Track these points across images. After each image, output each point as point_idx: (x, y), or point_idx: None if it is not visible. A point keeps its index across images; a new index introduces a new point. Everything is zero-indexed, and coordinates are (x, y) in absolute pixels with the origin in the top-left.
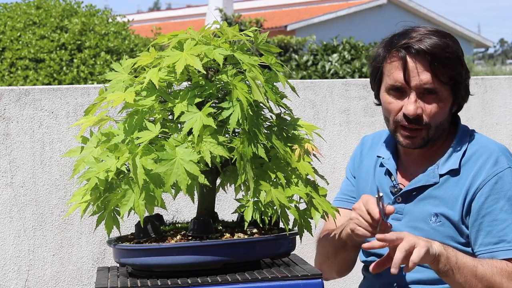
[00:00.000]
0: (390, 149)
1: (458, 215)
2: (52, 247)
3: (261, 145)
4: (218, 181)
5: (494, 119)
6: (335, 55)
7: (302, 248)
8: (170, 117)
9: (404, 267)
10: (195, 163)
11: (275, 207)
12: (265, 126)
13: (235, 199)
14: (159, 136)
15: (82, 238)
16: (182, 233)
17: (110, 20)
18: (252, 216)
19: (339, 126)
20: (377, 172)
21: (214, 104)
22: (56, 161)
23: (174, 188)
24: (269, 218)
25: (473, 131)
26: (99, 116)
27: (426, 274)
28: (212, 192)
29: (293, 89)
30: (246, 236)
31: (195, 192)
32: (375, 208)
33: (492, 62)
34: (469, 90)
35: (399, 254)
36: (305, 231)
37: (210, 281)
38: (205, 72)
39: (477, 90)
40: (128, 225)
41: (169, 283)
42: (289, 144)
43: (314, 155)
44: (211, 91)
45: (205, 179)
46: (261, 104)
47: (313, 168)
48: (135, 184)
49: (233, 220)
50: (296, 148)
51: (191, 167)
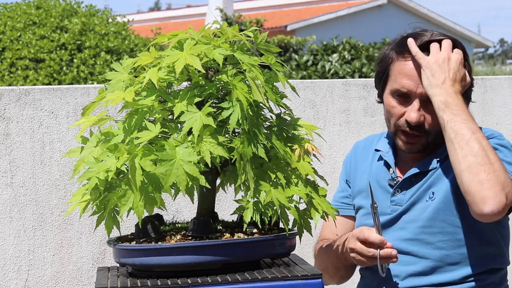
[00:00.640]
0: (390, 144)
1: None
2: (52, 247)
3: (261, 145)
4: (218, 181)
5: (494, 119)
6: (335, 55)
7: (302, 248)
8: (170, 117)
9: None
10: (195, 164)
11: (275, 208)
12: (265, 126)
13: (235, 200)
14: (159, 136)
15: (82, 238)
16: (182, 233)
17: (110, 20)
18: (252, 217)
19: (339, 126)
20: (374, 167)
21: (214, 104)
22: (56, 161)
23: (174, 188)
24: (269, 219)
25: None
26: (99, 116)
27: (421, 266)
28: (212, 192)
29: (293, 89)
30: (246, 236)
31: (195, 192)
32: (370, 235)
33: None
34: (471, 97)
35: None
36: (305, 231)
37: (210, 281)
38: (205, 72)
39: (477, 90)
40: (128, 225)
41: (169, 283)
42: (289, 144)
43: (314, 155)
44: (211, 91)
45: (205, 181)
46: (261, 104)
47: (313, 169)
48: (134, 185)
49: (233, 220)
50: (296, 148)
51: (191, 168)
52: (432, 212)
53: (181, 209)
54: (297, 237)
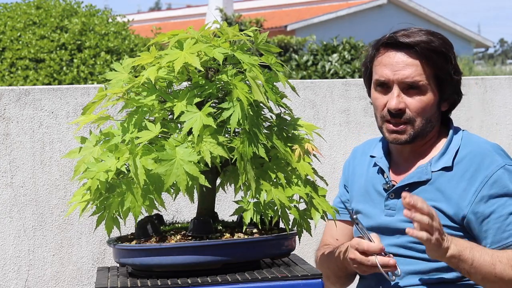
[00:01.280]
0: (383, 149)
1: (453, 210)
2: (52, 247)
3: (261, 145)
4: (218, 181)
5: (494, 119)
6: (335, 55)
7: (302, 248)
8: (170, 117)
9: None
10: (195, 164)
11: (276, 208)
12: (265, 126)
13: (234, 201)
14: (159, 136)
15: (82, 238)
16: (182, 233)
17: (110, 20)
18: (252, 218)
19: (339, 126)
20: (370, 172)
21: (214, 104)
22: (56, 161)
23: (174, 188)
24: (269, 219)
25: (465, 131)
26: (99, 115)
27: (419, 266)
28: (212, 192)
29: (293, 89)
30: (246, 236)
31: (195, 192)
32: (370, 246)
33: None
34: (461, 91)
35: (418, 232)
36: (305, 231)
37: (210, 281)
38: (205, 72)
39: (477, 90)
40: (128, 225)
41: (169, 283)
42: (289, 144)
43: (314, 155)
44: (211, 91)
45: (205, 180)
46: (261, 104)
47: (313, 169)
48: (135, 185)
49: (233, 220)
50: (296, 148)
51: (191, 168)
52: None
53: (181, 209)
54: (297, 237)
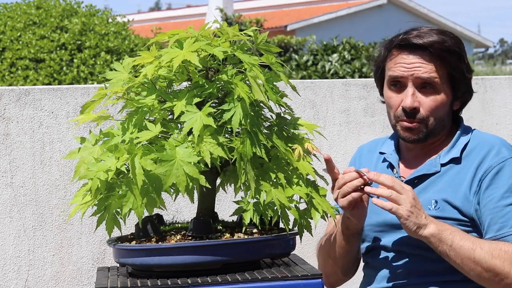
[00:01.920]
0: (393, 145)
1: (461, 202)
2: (52, 247)
3: (262, 145)
4: (218, 181)
5: (494, 119)
6: (335, 55)
7: (302, 248)
8: (170, 117)
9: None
10: (195, 165)
11: (276, 208)
12: (265, 126)
13: (234, 201)
14: (159, 136)
15: (82, 238)
16: (182, 233)
17: (110, 20)
18: (252, 219)
19: (339, 126)
20: (379, 168)
21: (214, 104)
22: (56, 161)
23: (173, 189)
24: (269, 219)
25: (476, 129)
26: (98, 114)
27: (424, 265)
28: (212, 192)
29: (294, 89)
30: (246, 236)
31: (195, 192)
32: (348, 169)
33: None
34: (472, 89)
35: (382, 202)
36: (305, 231)
37: (210, 281)
38: (205, 72)
39: (477, 90)
40: (128, 225)
41: (169, 283)
42: (290, 144)
43: (314, 155)
44: (211, 91)
45: (205, 181)
46: (261, 104)
47: (313, 168)
48: (135, 185)
49: (233, 220)
50: (296, 148)
51: (191, 169)
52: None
53: (181, 209)
54: (297, 237)
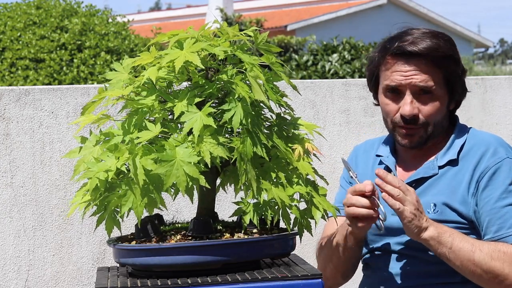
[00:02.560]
0: (389, 148)
1: (459, 203)
2: (52, 247)
3: (262, 145)
4: (218, 181)
5: (494, 119)
6: (335, 55)
7: (302, 248)
8: (170, 117)
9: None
10: (195, 164)
11: (276, 207)
12: (265, 126)
13: (233, 203)
14: (159, 136)
15: (82, 238)
16: (182, 233)
17: (110, 20)
18: (252, 220)
19: (339, 126)
20: (375, 169)
21: (214, 104)
22: (56, 161)
23: (174, 189)
24: (270, 219)
25: (472, 128)
26: (99, 115)
27: (424, 267)
28: (212, 192)
29: (295, 88)
30: (246, 236)
31: (195, 192)
32: (360, 185)
33: (492, 62)
34: (466, 87)
35: (391, 199)
36: (305, 231)
37: (210, 281)
38: (205, 72)
39: (477, 90)
40: (128, 225)
41: (169, 283)
42: (290, 144)
43: (315, 155)
44: (211, 91)
45: (205, 182)
46: (261, 104)
47: (313, 168)
48: (135, 185)
49: (233, 220)
50: (296, 148)
51: (191, 169)
52: None
53: (181, 209)
54: (297, 237)
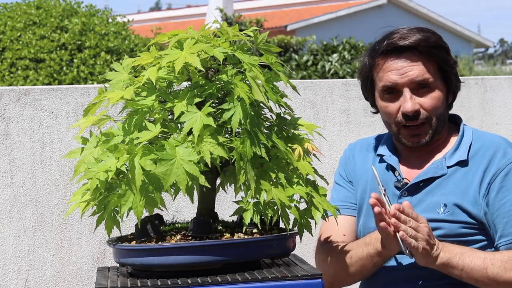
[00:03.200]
0: (389, 147)
1: (471, 205)
2: (52, 247)
3: (262, 145)
4: (218, 181)
5: (494, 119)
6: (335, 55)
7: (302, 248)
8: (170, 117)
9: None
10: (195, 163)
11: (276, 208)
12: (265, 126)
13: (234, 201)
14: (159, 136)
15: (82, 238)
16: (182, 233)
17: (110, 20)
18: (252, 218)
19: (339, 126)
20: (376, 169)
21: (214, 104)
22: (56, 161)
23: (174, 188)
24: (269, 219)
25: (473, 128)
26: (99, 116)
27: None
28: (212, 192)
29: (294, 88)
30: (246, 236)
31: (195, 192)
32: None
33: (492, 62)
34: (459, 78)
35: (408, 237)
36: (305, 231)
37: (210, 281)
38: (205, 72)
39: (477, 90)
40: (128, 225)
41: (169, 283)
42: (290, 145)
43: (314, 155)
44: (211, 91)
45: (205, 181)
46: (261, 104)
47: (313, 168)
48: (134, 185)
49: (233, 220)
50: (296, 148)
51: (191, 168)
52: (445, 225)
53: (181, 209)
54: (297, 237)
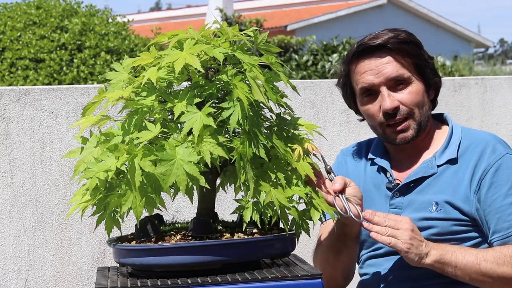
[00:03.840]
0: (379, 150)
1: (462, 202)
2: (52, 247)
3: (261, 145)
4: (218, 181)
5: (494, 119)
6: (335, 55)
7: (302, 248)
8: (170, 117)
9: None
10: (195, 164)
11: (275, 208)
12: (265, 126)
13: (235, 200)
14: (159, 136)
15: (82, 238)
16: (182, 233)
17: (110, 20)
18: (252, 217)
19: (339, 126)
20: (369, 172)
21: (214, 104)
22: (56, 161)
23: (173, 189)
24: (269, 219)
25: (461, 126)
26: (99, 116)
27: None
28: (212, 192)
29: (294, 89)
30: (246, 236)
31: (195, 192)
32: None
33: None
34: (438, 73)
35: (381, 236)
36: (303, 232)
37: (210, 281)
38: (205, 72)
39: (477, 90)
40: (128, 225)
41: (169, 283)
42: (290, 145)
43: (314, 155)
44: (211, 91)
45: (205, 182)
46: (261, 104)
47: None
48: (133, 185)
49: (233, 220)
50: (296, 148)
51: (191, 168)
52: (437, 223)
53: (181, 209)
54: (297, 237)
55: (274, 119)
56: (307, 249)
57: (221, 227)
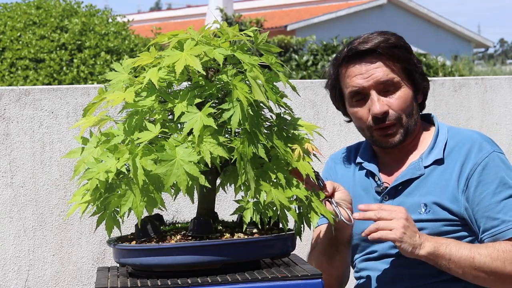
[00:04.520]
0: (368, 154)
1: (450, 202)
2: (52, 247)
3: (261, 145)
4: (218, 181)
5: (494, 119)
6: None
7: (302, 248)
8: (170, 118)
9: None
10: (195, 164)
11: (275, 208)
12: (265, 126)
13: (235, 201)
14: (159, 136)
15: (82, 238)
16: (182, 233)
17: (110, 20)
18: (252, 217)
19: (339, 126)
20: (357, 177)
21: (214, 105)
22: (56, 161)
23: (174, 189)
24: (269, 219)
25: (448, 125)
26: (99, 116)
27: (420, 270)
28: (212, 192)
29: (294, 89)
30: (246, 236)
31: (195, 192)
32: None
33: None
34: (426, 77)
35: (372, 226)
36: (304, 232)
37: (210, 281)
38: (205, 72)
39: (477, 90)
40: (128, 225)
41: (169, 283)
42: (290, 145)
43: (314, 155)
44: (211, 91)
45: (205, 181)
46: (261, 104)
47: (313, 169)
48: (135, 185)
49: (233, 220)
50: (296, 148)
51: (191, 168)
52: (428, 225)
53: (181, 209)
54: (298, 237)
55: (274, 119)
56: (307, 249)
57: (221, 227)
